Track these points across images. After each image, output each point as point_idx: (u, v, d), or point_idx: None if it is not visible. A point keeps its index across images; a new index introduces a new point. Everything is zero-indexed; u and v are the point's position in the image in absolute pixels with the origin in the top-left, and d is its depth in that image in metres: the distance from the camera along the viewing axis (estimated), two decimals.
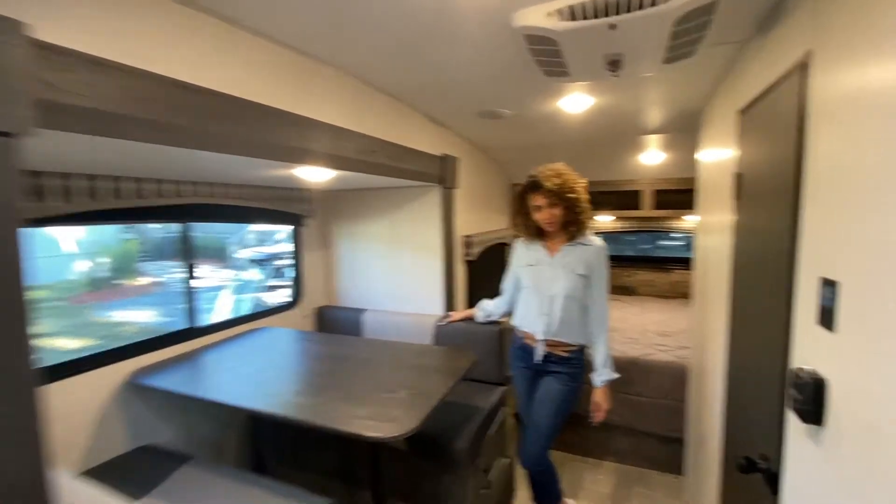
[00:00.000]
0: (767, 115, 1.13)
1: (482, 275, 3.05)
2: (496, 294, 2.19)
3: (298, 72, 1.42)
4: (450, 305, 2.54)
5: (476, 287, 2.97)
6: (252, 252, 3.89)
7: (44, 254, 2.22)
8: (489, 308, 2.20)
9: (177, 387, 1.57)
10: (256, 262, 3.84)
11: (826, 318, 0.75)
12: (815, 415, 0.76)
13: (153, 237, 2.85)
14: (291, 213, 2.42)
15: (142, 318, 2.72)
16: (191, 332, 1.96)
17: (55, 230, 2.28)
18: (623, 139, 2.99)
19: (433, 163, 2.31)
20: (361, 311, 2.60)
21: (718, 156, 1.82)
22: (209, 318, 2.15)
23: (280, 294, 2.96)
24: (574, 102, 2.03)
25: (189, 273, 1.97)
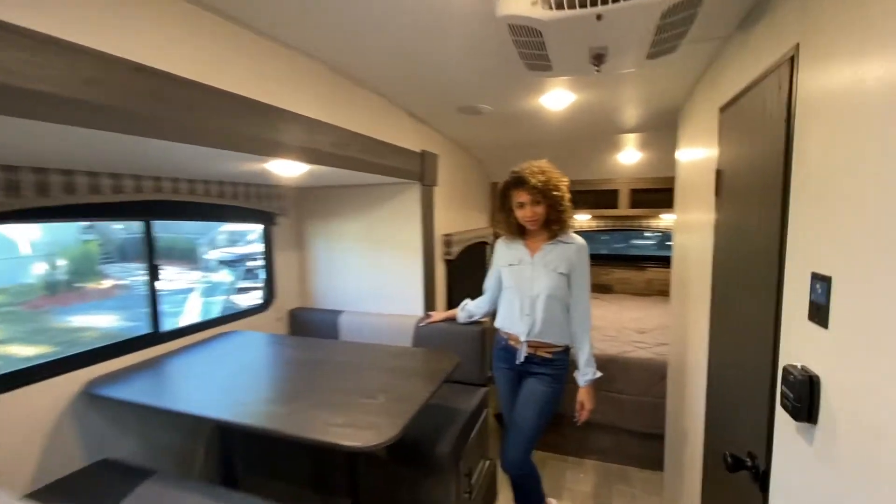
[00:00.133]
0: (751, 111, 1.13)
1: (462, 274, 3.01)
2: (476, 293, 2.15)
3: (269, 59, 1.34)
4: (429, 306, 2.48)
5: (456, 287, 2.93)
6: (222, 253, 3.74)
7: None
8: (471, 308, 2.16)
9: (137, 396, 1.46)
10: (226, 264, 3.69)
11: (818, 314, 0.74)
12: (808, 412, 0.75)
13: (116, 237, 2.71)
14: (263, 211, 2.33)
15: (103, 323, 2.59)
16: (154, 338, 1.84)
17: (11, 230, 2.14)
18: (602, 137, 3.02)
19: (412, 159, 2.25)
20: (338, 313, 2.52)
21: (698, 154, 1.83)
22: (176, 323, 2.05)
23: (252, 296, 2.85)
24: (555, 99, 2.02)
25: (152, 275, 1.85)
